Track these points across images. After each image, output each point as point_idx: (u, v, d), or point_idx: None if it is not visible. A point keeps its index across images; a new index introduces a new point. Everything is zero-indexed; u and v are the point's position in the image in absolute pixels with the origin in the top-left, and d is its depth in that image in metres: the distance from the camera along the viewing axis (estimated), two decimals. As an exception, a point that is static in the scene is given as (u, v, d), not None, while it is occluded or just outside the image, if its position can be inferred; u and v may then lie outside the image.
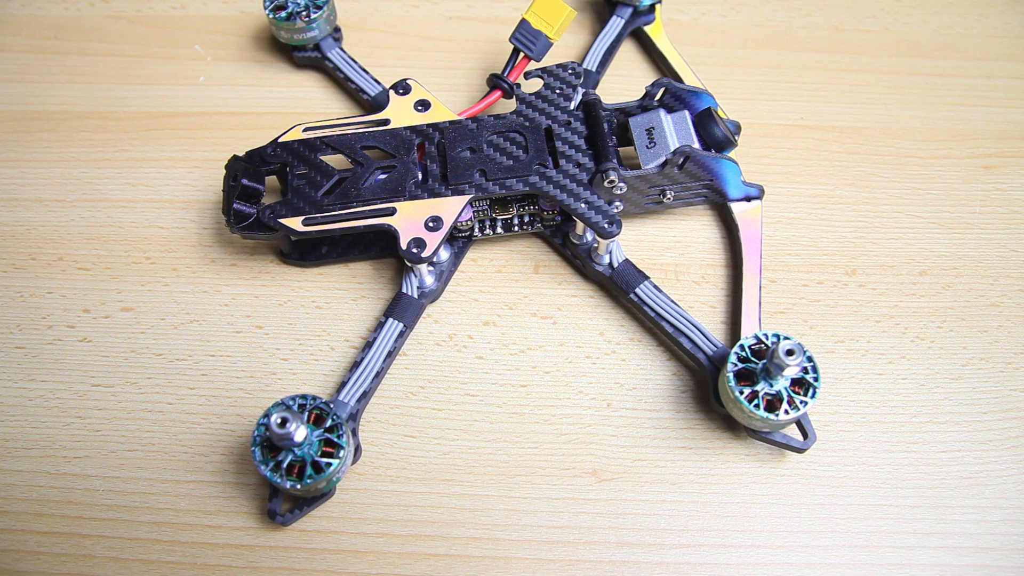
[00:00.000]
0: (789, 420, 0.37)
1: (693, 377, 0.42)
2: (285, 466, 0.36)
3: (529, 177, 0.42)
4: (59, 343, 0.43)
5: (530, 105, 0.44)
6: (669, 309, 0.42)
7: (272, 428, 0.34)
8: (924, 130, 0.50)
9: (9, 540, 0.38)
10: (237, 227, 0.42)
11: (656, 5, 0.51)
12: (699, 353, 0.41)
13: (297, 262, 0.45)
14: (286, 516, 0.38)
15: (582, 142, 0.43)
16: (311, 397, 0.37)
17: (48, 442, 0.41)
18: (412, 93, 0.45)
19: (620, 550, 0.38)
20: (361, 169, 0.42)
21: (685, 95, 0.44)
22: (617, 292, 0.43)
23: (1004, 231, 0.46)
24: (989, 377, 0.42)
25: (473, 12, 0.55)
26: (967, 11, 0.54)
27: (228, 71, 0.52)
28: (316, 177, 0.42)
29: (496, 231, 0.44)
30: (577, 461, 0.40)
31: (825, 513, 0.39)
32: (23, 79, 0.52)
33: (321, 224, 0.41)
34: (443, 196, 0.42)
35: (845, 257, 0.45)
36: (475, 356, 0.43)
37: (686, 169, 0.42)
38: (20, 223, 0.47)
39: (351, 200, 0.41)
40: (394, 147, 0.43)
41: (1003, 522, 0.39)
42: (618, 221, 0.41)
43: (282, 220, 0.41)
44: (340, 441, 0.37)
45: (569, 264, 0.45)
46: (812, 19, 0.54)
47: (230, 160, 0.43)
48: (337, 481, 0.38)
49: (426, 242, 0.40)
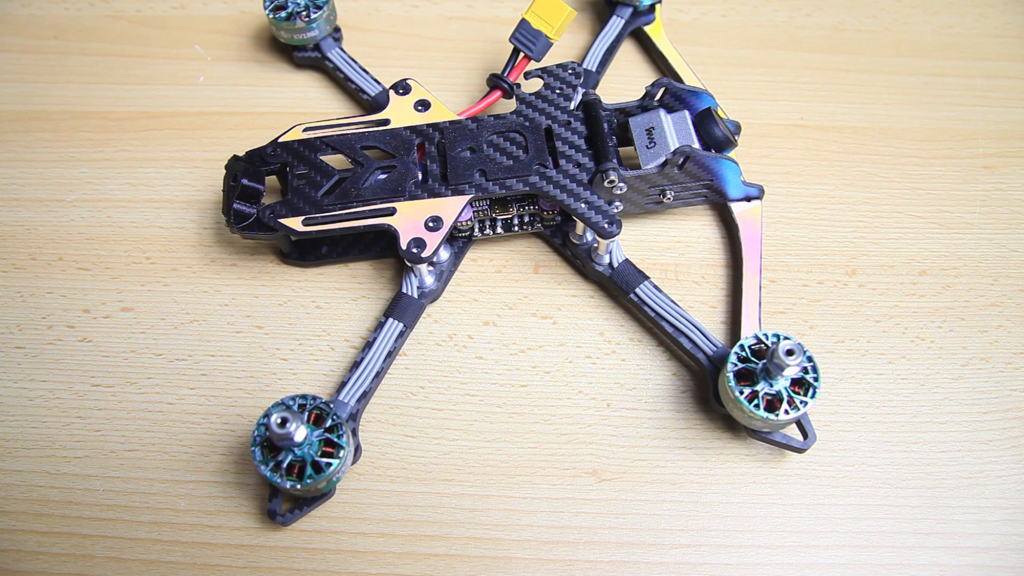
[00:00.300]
0: (789, 420, 0.37)
1: (693, 377, 0.42)
2: (285, 466, 0.36)
3: (529, 177, 0.42)
4: (59, 343, 0.43)
5: (530, 105, 0.44)
6: (669, 309, 0.42)
7: (272, 428, 0.34)
8: (924, 130, 0.50)
9: (9, 540, 0.38)
10: (237, 227, 0.42)
11: (656, 5, 0.51)
12: (699, 353, 0.41)
13: (297, 262, 0.45)
14: (286, 516, 0.38)
15: (582, 142, 0.43)
16: (311, 397, 0.37)
17: (48, 442, 0.41)
18: (412, 93, 0.45)
19: (620, 550, 0.38)
20: (361, 169, 0.42)
21: (685, 95, 0.44)
22: (617, 292, 0.43)
23: (1004, 231, 0.46)
24: (989, 377, 0.42)
25: (473, 12, 0.55)
26: (967, 11, 0.54)
27: (228, 71, 0.52)
28: (316, 177, 0.42)
29: (496, 231, 0.44)
30: (577, 461, 0.40)
31: (825, 513, 0.39)
32: (23, 79, 0.52)
33: (321, 224, 0.41)
34: (443, 196, 0.42)
35: (845, 257, 0.45)
36: (475, 356, 0.43)
37: (686, 169, 0.42)
38: (20, 223, 0.47)
39: (351, 200, 0.41)
40: (394, 147, 0.43)
41: (1003, 522, 0.39)
42: (618, 221, 0.41)
43: (282, 220, 0.41)
44: (340, 441, 0.37)
45: (569, 264, 0.45)
46: (812, 19, 0.54)
47: (230, 160, 0.43)
48: (337, 481, 0.38)
49: (426, 242, 0.40)
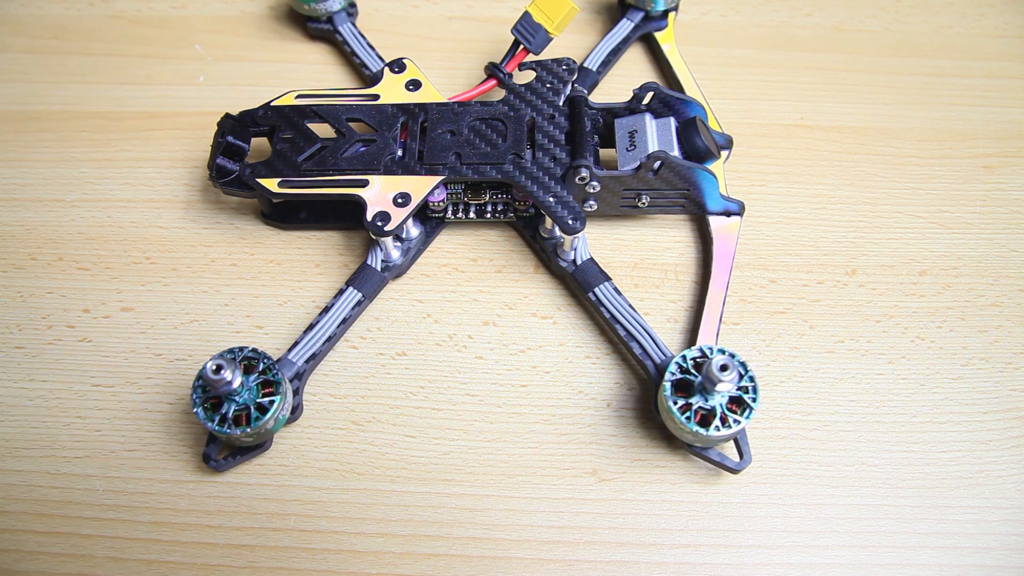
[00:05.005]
0: (722, 437, 0.37)
1: (640, 385, 0.42)
2: (232, 417, 0.37)
3: (503, 165, 0.42)
4: (59, 343, 0.43)
5: (518, 95, 0.44)
6: (625, 313, 0.41)
7: (208, 376, 0.36)
8: (924, 130, 0.50)
9: (9, 540, 0.38)
10: (219, 182, 0.43)
11: (671, 13, 0.51)
12: (647, 360, 0.41)
13: (276, 223, 0.46)
14: (219, 462, 0.39)
15: (562, 137, 0.43)
16: (238, 348, 0.38)
17: (48, 442, 0.41)
18: (406, 72, 0.46)
19: (620, 550, 0.38)
20: (343, 140, 0.43)
21: (674, 102, 0.44)
22: (577, 290, 0.43)
23: (1004, 231, 0.46)
24: (989, 377, 0.42)
25: (473, 12, 0.55)
26: (967, 11, 0.54)
27: (228, 71, 0.52)
28: (300, 143, 0.43)
29: (469, 215, 0.45)
30: (577, 461, 0.40)
31: (825, 513, 0.39)
32: (23, 79, 0.52)
33: (296, 188, 0.42)
34: (416, 175, 0.42)
35: (845, 257, 0.45)
36: (475, 356, 0.43)
37: (661, 175, 0.42)
38: (20, 223, 0.47)
39: (327, 168, 0.43)
40: (377, 122, 0.44)
41: (1003, 522, 0.39)
42: (583, 218, 0.41)
43: (260, 180, 0.42)
44: (277, 378, 0.38)
45: (537, 257, 0.45)
46: (812, 19, 0.54)
47: (222, 118, 0.44)
48: (281, 422, 0.39)
49: (391, 216, 0.41)
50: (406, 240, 0.44)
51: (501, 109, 0.44)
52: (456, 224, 0.46)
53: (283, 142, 0.43)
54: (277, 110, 0.44)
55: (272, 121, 0.44)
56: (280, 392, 0.38)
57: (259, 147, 0.45)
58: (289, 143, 0.43)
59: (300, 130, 0.44)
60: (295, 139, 0.43)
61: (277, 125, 0.44)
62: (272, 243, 0.46)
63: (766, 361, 0.42)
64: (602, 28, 0.54)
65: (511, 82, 0.45)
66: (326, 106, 0.44)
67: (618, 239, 0.46)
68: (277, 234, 0.46)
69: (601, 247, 0.45)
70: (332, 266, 0.45)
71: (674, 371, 0.38)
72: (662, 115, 0.44)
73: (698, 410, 0.37)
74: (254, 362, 0.38)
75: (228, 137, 0.44)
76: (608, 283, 0.42)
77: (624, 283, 0.44)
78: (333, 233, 0.46)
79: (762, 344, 0.43)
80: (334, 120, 0.44)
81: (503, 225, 0.46)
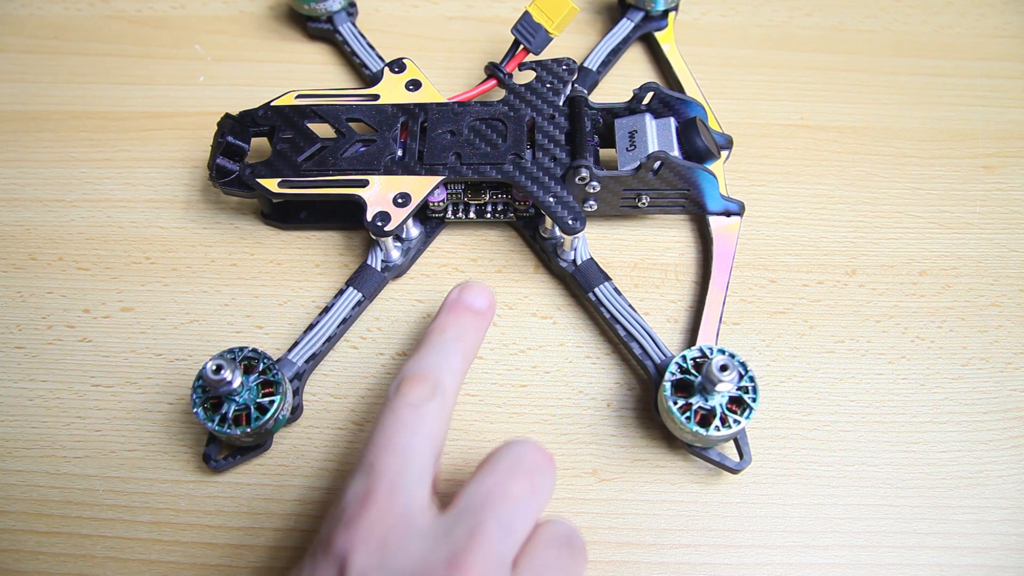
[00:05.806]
0: (722, 437, 0.37)
1: (640, 385, 0.42)
2: (232, 417, 0.37)
3: (503, 165, 0.42)
4: (59, 343, 0.43)
5: (518, 96, 0.44)
6: (625, 313, 0.41)
7: (208, 376, 0.36)
8: (924, 130, 0.50)
9: (9, 540, 0.38)
10: (219, 182, 0.43)
11: (671, 13, 0.51)
12: (647, 360, 0.41)
13: (276, 223, 0.46)
14: (219, 462, 0.39)
15: (562, 137, 0.43)
16: (238, 349, 0.38)
17: (48, 442, 0.41)
18: (406, 72, 0.46)
19: (620, 550, 0.38)
20: (343, 140, 0.43)
21: (674, 102, 0.44)
22: (577, 290, 0.43)
23: (1004, 231, 0.46)
24: (989, 377, 0.42)
25: (473, 12, 0.55)
26: (967, 11, 0.54)
27: (228, 71, 0.52)
28: (300, 143, 0.44)
29: (469, 215, 0.45)
30: (577, 461, 0.40)
31: (825, 513, 0.39)
32: (23, 79, 0.52)
33: (296, 188, 0.42)
34: (416, 175, 0.42)
35: (845, 257, 0.45)
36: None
37: (661, 175, 0.42)
38: (20, 223, 0.47)
39: (327, 168, 0.43)
40: (377, 122, 0.44)
41: (1003, 522, 0.39)
42: (582, 218, 0.41)
43: (260, 180, 0.42)
44: (277, 378, 0.38)
45: (537, 257, 0.45)
46: (812, 19, 0.54)
47: (222, 118, 0.44)
48: (283, 421, 0.39)
49: (391, 216, 0.41)
50: (406, 240, 0.44)
51: (501, 109, 0.44)
52: (456, 224, 0.46)
53: (283, 142, 0.43)
54: (277, 110, 0.45)
55: (272, 121, 0.44)
56: (280, 392, 0.38)
57: (259, 147, 0.45)
58: (289, 143, 0.43)
59: (300, 130, 0.44)
60: (295, 139, 0.44)
61: (277, 125, 0.44)
62: (272, 243, 0.46)
63: (766, 361, 0.42)
64: (602, 28, 0.54)
65: (511, 82, 0.45)
66: (326, 106, 0.45)
67: (618, 239, 0.46)
68: (277, 234, 0.46)
69: (601, 247, 0.45)
70: (332, 266, 0.45)
71: (674, 371, 0.38)
72: (662, 115, 0.44)
73: (698, 410, 0.37)
74: (254, 362, 0.38)
75: (228, 137, 0.44)
76: (608, 283, 0.42)
77: (624, 283, 0.44)
78: (333, 233, 0.46)
79: (762, 344, 0.43)
80: (334, 120, 0.44)
81: (503, 225, 0.46)
